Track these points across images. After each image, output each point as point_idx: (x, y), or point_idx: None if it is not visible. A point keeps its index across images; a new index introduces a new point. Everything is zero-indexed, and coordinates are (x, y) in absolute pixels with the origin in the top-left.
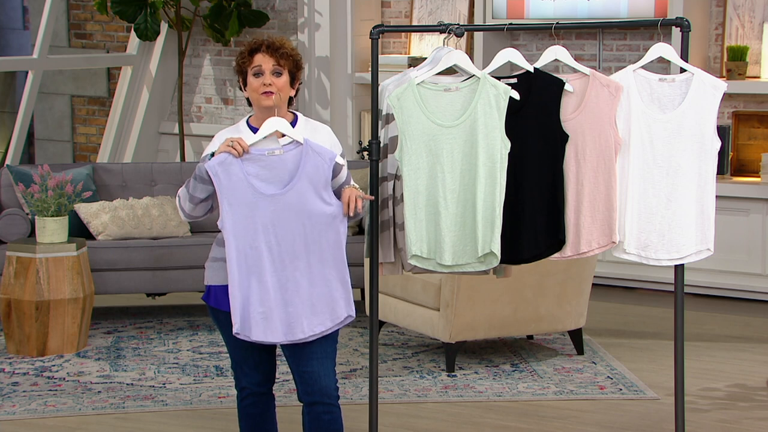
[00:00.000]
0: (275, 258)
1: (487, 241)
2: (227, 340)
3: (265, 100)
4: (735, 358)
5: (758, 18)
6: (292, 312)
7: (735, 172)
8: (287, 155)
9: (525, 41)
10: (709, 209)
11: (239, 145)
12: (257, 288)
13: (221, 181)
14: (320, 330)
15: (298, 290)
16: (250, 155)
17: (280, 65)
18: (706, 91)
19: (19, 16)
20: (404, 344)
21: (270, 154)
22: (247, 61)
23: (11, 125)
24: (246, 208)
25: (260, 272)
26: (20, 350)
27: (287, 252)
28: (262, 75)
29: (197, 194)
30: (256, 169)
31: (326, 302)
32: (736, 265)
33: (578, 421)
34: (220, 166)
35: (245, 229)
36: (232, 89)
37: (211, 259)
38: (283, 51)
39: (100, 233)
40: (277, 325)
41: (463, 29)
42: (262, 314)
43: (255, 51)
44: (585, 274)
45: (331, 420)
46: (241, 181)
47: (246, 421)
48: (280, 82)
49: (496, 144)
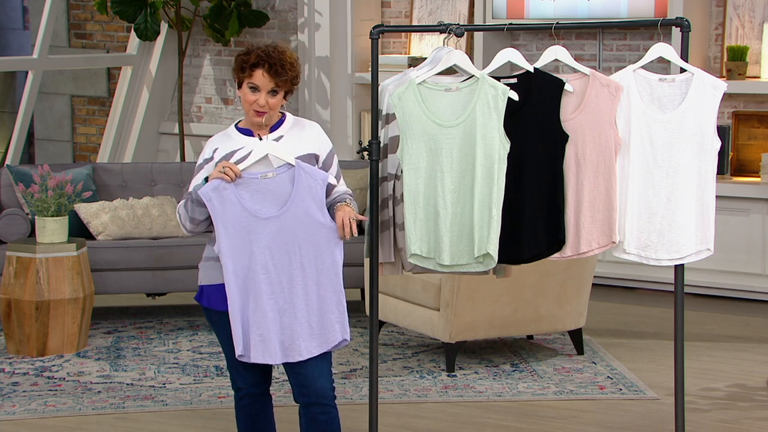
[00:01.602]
0: (273, 280)
1: (483, 241)
2: (223, 341)
3: (256, 117)
4: (735, 358)
5: (758, 18)
6: (289, 334)
7: (735, 172)
8: (280, 178)
9: (525, 41)
10: (709, 209)
11: (231, 170)
12: (255, 310)
13: (215, 206)
14: (317, 352)
15: (296, 313)
16: (242, 179)
17: (277, 86)
18: (706, 91)
19: (19, 16)
20: (404, 344)
21: (263, 177)
22: (247, 75)
23: (11, 125)
24: (242, 232)
25: (257, 295)
26: (20, 350)
27: (284, 274)
28: (258, 92)
29: (196, 216)
30: (249, 193)
31: (322, 325)
32: (736, 265)
33: (578, 421)
34: (214, 192)
35: (242, 252)
36: (231, 89)
37: (204, 258)
38: (284, 77)
39: (100, 233)
40: (275, 346)
41: (463, 29)
42: (260, 336)
43: (256, 66)
44: (585, 274)
45: (328, 420)
46: (235, 205)
47: (244, 422)
48: (274, 102)
49: (495, 144)
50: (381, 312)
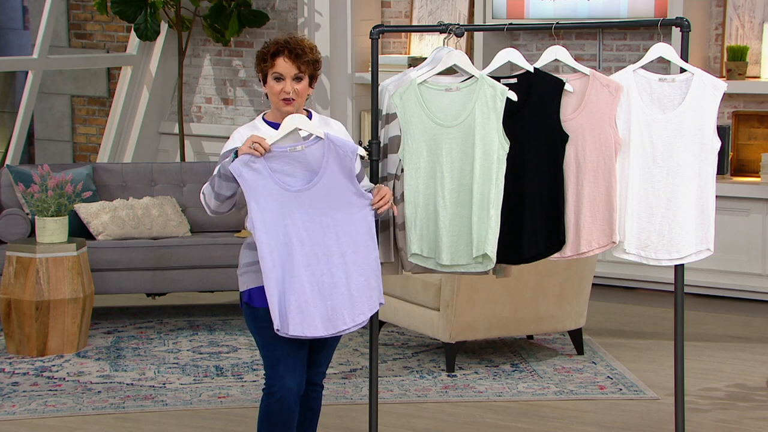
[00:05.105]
0: (308, 252)
1: (481, 242)
2: (265, 340)
3: (286, 107)
4: (735, 358)
5: (758, 18)
6: (331, 305)
7: (735, 172)
8: (309, 150)
9: (525, 41)
10: (709, 209)
11: (260, 145)
12: (291, 283)
13: (247, 181)
14: (361, 320)
15: (336, 283)
16: (272, 153)
17: (301, 71)
18: (706, 91)
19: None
20: (404, 344)
21: (292, 150)
22: (269, 65)
23: (11, 125)
24: (274, 205)
25: (293, 267)
26: (20, 350)
27: (319, 246)
28: (283, 80)
29: (223, 192)
30: (280, 166)
31: (364, 292)
32: (736, 265)
33: (578, 421)
34: (244, 166)
35: (275, 226)
36: (232, 89)
37: (245, 265)
38: (306, 59)
39: (100, 233)
40: (315, 319)
41: (463, 29)
42: (298, 308)
43: (277, 55)
44: (585, 274)
45: (316, 397)
46: (266, 179)
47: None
48: (300, 87)
49: (494, 145)
50: (381, 312)
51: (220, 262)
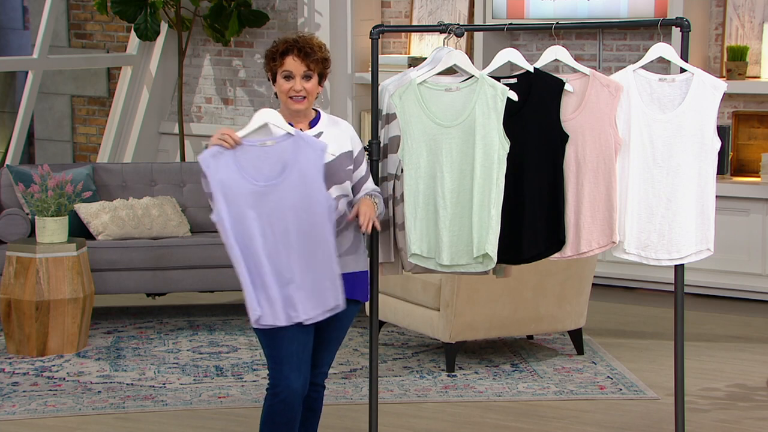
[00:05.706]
0: (270, 246)
1: (482, 242)
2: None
3: (296, 105)
4: (735, 358)
5: (758, 18)
6: (289, 298)
7: (735, 172)
8: (279, 146)
9: (525, 41)
10: (709, 209)
11: (230, 137)
12: (258, 275)
13: (213, 173)
14: (313, 314)
15: (293, 277)
16: (242, 147)
17: (310, 69)
18: (706, 91)
19: (19, 16)
20: (404, 344)
21: (262, 145)
22: (279, 64)
23: (11, 125)
24: (240, 198)
25: (258, 259)
26: (20, 350)
27: (281, 241)
28: (293, 79)
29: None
30: (248, 160)
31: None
32: (736, 265)
33: (578, 421)
34: (213, 158)
35: (241, 219)
36: (232, 89)
37: None
38: (315, 57)
39: (100, 233)
40: (279, 309)
41: (463, 29)
42: (267, 299)
43: (286, 53)
44: (585, 274)
45: (317, 398)
46: (234, 172)
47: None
48: (309, 86)
49: (494, 144)
50: (381, 312)
51: (220, 262)
